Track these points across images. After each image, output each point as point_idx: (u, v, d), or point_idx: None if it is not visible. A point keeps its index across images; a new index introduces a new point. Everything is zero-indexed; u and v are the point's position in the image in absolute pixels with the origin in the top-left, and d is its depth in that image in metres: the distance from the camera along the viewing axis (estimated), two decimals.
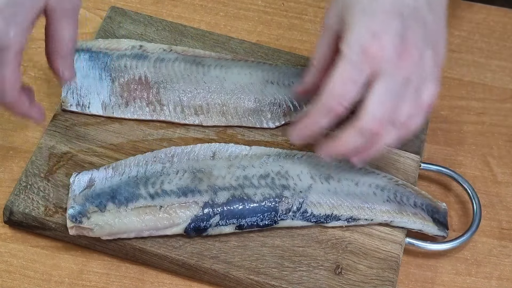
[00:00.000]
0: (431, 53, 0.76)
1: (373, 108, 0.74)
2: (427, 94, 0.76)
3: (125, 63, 0.88)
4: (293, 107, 0.89)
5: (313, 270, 0.80)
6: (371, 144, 0.77)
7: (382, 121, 0.75)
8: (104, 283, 0.80)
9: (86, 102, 0.86)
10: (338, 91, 0.75)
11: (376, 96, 0.74)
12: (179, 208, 0.80)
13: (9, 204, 0.81)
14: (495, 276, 0.85)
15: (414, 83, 0.75)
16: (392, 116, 0.75)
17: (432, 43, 0.77)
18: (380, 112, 0.74)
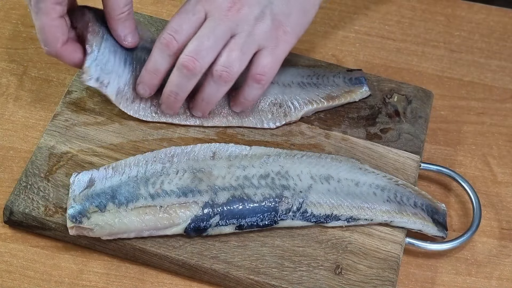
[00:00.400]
0: (269, 24, 0.82)
1: (190, 44, 0.81)
2: (259, 64, 0.82)
3: (144, 57, 0.86)
4: (293, 107, 0.89)
5: (313, 270, 0.80)
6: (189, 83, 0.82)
7: (194, 57, 0.80)
8: (104, 283, 0.80)
9: (106, 81, 0.84)
10: (172, 26, 0.82)
11: (196, 36, 0.81)
12: (179, 208, 0.80)
13: (9, 204, 0.81)
14: (495, 276, 0.85)
15: (239, 40, 0.81)
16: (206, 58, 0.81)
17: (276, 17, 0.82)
18: (193, 48, 0.81)
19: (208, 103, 0.85)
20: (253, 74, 0.83)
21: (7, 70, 0.93)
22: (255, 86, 0.84)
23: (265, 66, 0.83)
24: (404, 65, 1.00)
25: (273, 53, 0.83)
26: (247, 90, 0.84)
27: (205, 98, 0.84)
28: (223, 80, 0.82)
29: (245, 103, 0.86)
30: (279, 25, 0.83)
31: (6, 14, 0.97)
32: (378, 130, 0.90)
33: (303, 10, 0.85)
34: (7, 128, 0.88)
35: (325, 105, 0.90)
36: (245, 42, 0.81)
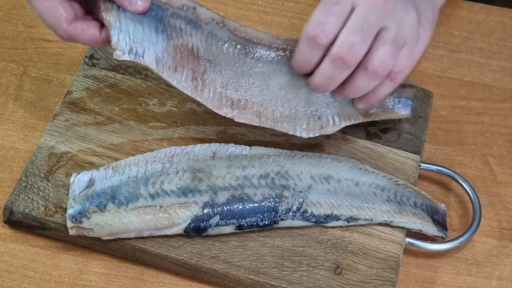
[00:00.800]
0: (415, 17, 0.79)
1: (342, 35, 0.77)
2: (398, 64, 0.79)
3: (180, 25, 0.82)
4: (332, 122, 0.85)
5: (313, 270, 0.80)
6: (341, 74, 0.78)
7: (349, 48, 0.77)
8: (104, 283, 0.80)
9: (140, 50, 0.80)
10: (318, 18, 0.77)
11: (347, 26, 0.77)
12: (179, 208, 0.80)
13: (9, 204, 0.81)
14: (495, 276, 0.85)
15: (391, 32, 0.77)
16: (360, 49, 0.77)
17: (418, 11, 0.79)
18: (347, 39, 0.77)
19: (355, 96, 0.81)
20: (391, 72, 0.79)
21: (7, 70, 0.93)
22: (388, 84, 0.80)
23: (402, 65, 0.79)
24: None
25: (412, 52, 0.79)
26: (378, 87, 0.80)
27: (353, 91, 0.80)
28: (378, 76, 0.78)
29: (372, 100, 0.82)
30: (420, 21, 0.79)
31: (6, 14, 0.97)
32: (378, 130, 0.90)
33: (433, 10, 0.82)
34: (7, 128, 0.88)
35: (360, 120, 0.86)
36: (396, 36, 0.77)
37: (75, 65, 0.93)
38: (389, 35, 0.77)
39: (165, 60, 0.82)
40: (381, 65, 0.78)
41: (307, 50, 0.79)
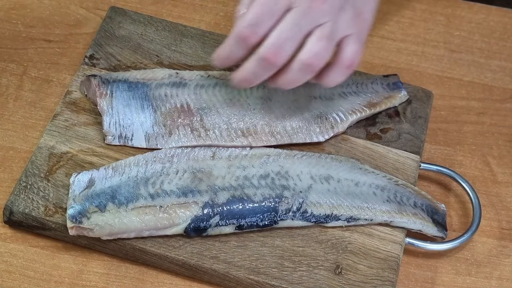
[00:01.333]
0: (352, 12, 0.80)
1: (272, 37, 0.77)
2: (348, 51, 0.80)
3: (165, 91, 0.87)
4: (339, 119, 0.89)
5: (313, 270, 0.80)
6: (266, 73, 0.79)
7: (276, 50, 0.77)
8: (104, 283, 0.80)
9: (129, 134, 0.85)
10: (251, 18, 0.78)
11: (279, 27, 0.77)
12: (179, 208, 0.80)
13: (9, 204, 0.81)
14: (495, 276, 0.85)
15: (326, 29, 0.78)
16: (288, 51, 0.78)
17: (356, 6, 0.81)
18: (276, 41, 0.77)
19: (286, 88, 0.82)
20: (344, 59, 0.81)
21: (7, 70, 0.93)
22: (344, 71, 0.81)
23: (354, 52, 0.80)
24: (404, 65, 1.00)
25: (358, 40, 0.81)
26: (336, 73, 0.81)
27: (287, 83, 0.81)
28: (311, 69, 0.79)
29: (329, 84, 0.83)
30: (359, 13, 0.81)
31: (6, 14, 0.97)
32: (378, 130, 0.90)
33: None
34: (7, 128, 0.88)
35: (367, 113, 0.90)
36: (331, 31, 0.79)
37: (75, 65, 0.93)
38: (324, 31, 0.79)
39: (156, 133, 0.86)
40: (315, 58, 0.79)
41: (234, 47, 0.80)
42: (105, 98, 0.86)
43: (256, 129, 0.87)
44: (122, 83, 0.87)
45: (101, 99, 0.86)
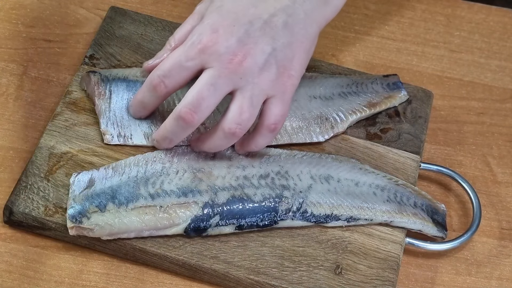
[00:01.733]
0: (275, 71, 0.79)
1: (188, 96, 0.78)
2: (272, 115, 0.80)
3: None
4: (339, 119, 0.89)
5: (313, 270, 0.80)
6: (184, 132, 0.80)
7: (193, 110, 0.78)
8: (104, 283, 0.80)
9: (128, 133, 0.85)
10: (162, 69, 0.80)
11: (194, 86, 0.78)
12: (179, 208, 0.80)
13: (9, 204, 0.81)
14: (495, 276, 0.85)
15: (247, 94, 0.78)
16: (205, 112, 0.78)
17: (280, 63, 0.79)
18: (192, 101, 0.78)
19: (213, 151, 0.83)
20: (267, 124, 0.80)
21: (7, 70, 0.93)
22: (268, 135, 0.81)
23: (278, 115, 0.80)
24: (404, 65, 1.00)
25: (282, 100, 0.80)
26: (260, 139, 0.81)
27: (212, 148, 0.82)
28: (236, 136, 0.79)
29: (253, 149, 0.83)
30: (283, 71, 0.80)
31: (6, 14, 0.97)
32: (378, 130, 0.90)
33: (305, 50, 0.81)
34: (7, 128, 0.88)
35: (367, 113, 0.90)
36: (253, 95, 0.79)
37: (75, 65, 0.93)
38: (246, 95, 0.78)
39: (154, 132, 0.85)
40: (238, 126, 0.79)
41: (147, 92, 0.82)
42: (103, 98, 0.86)
43: None
44: (121, 82, 0.87)
45: (99, 99, 0.86)
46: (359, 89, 0.91)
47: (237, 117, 0.78)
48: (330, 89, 0.90)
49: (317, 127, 0.88)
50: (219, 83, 0.78)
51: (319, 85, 0.90)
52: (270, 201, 0.81)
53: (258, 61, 0.78)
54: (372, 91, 0.91)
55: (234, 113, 0.79)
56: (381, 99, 0.91)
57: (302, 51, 0.81)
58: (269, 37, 0.79)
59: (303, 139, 0.87)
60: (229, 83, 0.78)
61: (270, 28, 0.79)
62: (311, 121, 0.88)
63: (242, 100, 0.78)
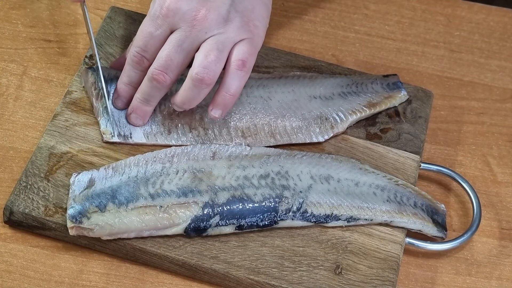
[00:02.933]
0: (239, 20, 0.82)
1: (158, 58, 0.82)
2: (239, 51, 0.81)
3: None
4: (339, 119, 0.89)
5: (313, 270, 0.80)
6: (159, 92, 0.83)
7: (164, 71, 0.81)
8: (104, 283, 0.80)
9: (127, 133, 0.85)
10: (138, 45, 0.83)
11: (163, 49, 0.81)
12: (179, 208, 0.80)
13: (9, 204, 0.81)
14: (495, 276, 0.85)
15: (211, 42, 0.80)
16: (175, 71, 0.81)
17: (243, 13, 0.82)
18: (162, 62, 0.81)
19: (189, 106, 0.83)
20: (235, 60, 0.81)
21: (7, 70, 0.93)
22: (238, 73, 0.81)
23: (245, 52, 0.81)
24: (404, 65, 1.00)
25: (251, 43, 0.82)
26: (230, 81, 0.81)
27: (186, 102, 0.82)
28: (205, 83, 0.80)
29: (227, 98, 0.82)
30: (248, 21, 0.82)
31: (6, 14, 0.97)
32: (378, 130, 0.90)
33: (263, 3, 0.84)
34: (7, 128, 0.88)
35: (367, 113, 0.90)
36: (219, 41, 0.81)
37: (75, 65, 0.93)
38: (212, 42, 0.80)
39: (155, 131, 0.86)
40: (205, 71, 0.80)
41: (131, 71, 0.85)
42: (101, 100, 0.86)
43: (256, 130, 0.87)
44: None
45: (97, 100, 0.86)
46: (359, 89, 0.91)
47: (202, 60, 0.80)
48: (330, 89, 0.90)
49: (317, 127, 0.88)
50: (186, 43, 0.81)
51: (319, 85, 0.90)
52: (270, 201, 0.81)
53: (221, 12, 0.81)
54: (372, 91, 0.91)
55: (199, 59, 0.80)
56: (381, 99, 0.91)
57: (260, 3, 0.84)
58: None
59: (303, 139, 0.87)
60: (195, 39, 0.81)
61: None
62: (311, 121, 0.88)
63: (206, 46, 0.80)
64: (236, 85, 0.82)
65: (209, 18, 0.81)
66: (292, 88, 0.90)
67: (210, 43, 0.81)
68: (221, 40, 0.81)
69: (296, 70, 0.93)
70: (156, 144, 0.85)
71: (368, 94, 0.91)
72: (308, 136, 0.88)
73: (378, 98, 0.91)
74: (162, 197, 0.80)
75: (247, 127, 0.87)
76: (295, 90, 0.89)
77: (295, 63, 0.94)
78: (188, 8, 0.81)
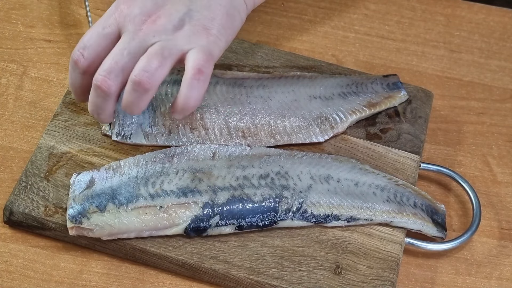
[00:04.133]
0: (190, 29, 0.78)
1: (103, 63, 0.77)
2: (191, 59, 0.77)
3: (165, 90, 0.87)
4: (339, 119, 0.88)
5: (313, 270, 0.80)
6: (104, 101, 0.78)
7: (107, 77, 0.77)
8: (104, 283, 0.80)
9: (128, 133, 0.85)
10: (81, 42, 0.79)
11: (109, 53, 0.77)
12: (179, 208, 0.80)
13: (9, 204, 0.81)
14: (495, 276, 0.85)
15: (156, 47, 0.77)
16: (119, 77, 0.77)
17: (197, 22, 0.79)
18: (106, 67, 0.77)
19: (134, 112, 0.79)
20: (190, 69, 0.77)
21: (7, 70, 0.93)
22: (195, 83, 0.77)
23: (200, 59, 0.77)
24: (404, 65, 1.00)
25: (204, 50, 0.78)
26: (188, 91, 0.77)
27: (128, 107, 0.78)
28: (143, 87, 0.76)
29: (186, 108, 0.78)
30: (202, 30, 0.79)
31: (6, 14, 0.97)
32: (378, 130, 0.90)
33: (226, 13, 0.81)
34: (7, 128, 0.88)
35: (367, 113, 0.90)
36: (165, 47, 0.77)
37: None
38: (156, 47, 0.77)
39: (155, 132, 0.85)
40: (145, 74, 0.76)
41: (71, 72, 0.80)
42: None
43: (257, 130, 0.87)
44: None
45: None
46: (359, 89, 0.91)
47: (144, 64, 0.76)
48: (330, 89, 0.90)
49: (317, 127, 0.88)
50: (132, 46, 0.77)
51: (319, 85, 0.90)
52: (270, 201, 0.81)
53: (172, 20, 0.78)
54: (372, 91, 0.91)
55: (142, 62, 0.76)
56: (381, 99, 0.91)
57: (223, 14, 0.80)
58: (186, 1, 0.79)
59: (303, 140, 0.87)
60: (142, 42, 0.77)
61: None
62: (311, 121, 0.88)
63: (151, 51, 0.77)
64: (195, 95, 0.78)
65: (158, 23, 0.78)
66: (292, 88, 0.90)
67: (155, 47, 0.77)
68: (167, 46, 0.77)
69: (296, 70, 0.94)
70: (156, 145, 0.85)
71: (368, 94, 0.91)
72: (308, 136, 0.88)
73: (378, 98, 0.91)
74: (162, 197, 0.80)
75: (247, 127, 0.87)
76: (295, 90, 0.89)
77: (295, 63, 0.94)
78: (139, 12, 0.78)
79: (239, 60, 0.93)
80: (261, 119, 0.87)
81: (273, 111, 0.88)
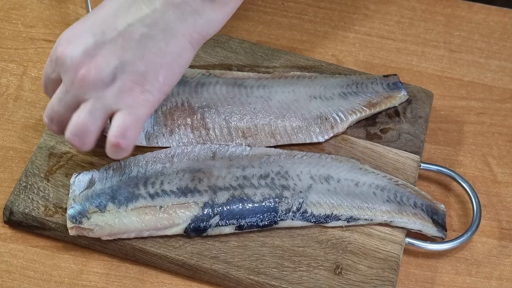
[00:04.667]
0: (120, 85, 0.75)
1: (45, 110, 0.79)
2: (113, 127, 0.76)
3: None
4: (339, 119, 0.89)
5: (313, 270, 0.80)
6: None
7: (49, 123, 0.79)
8: (104, 283, 0.80)
9: None
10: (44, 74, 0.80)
11: (52, 99, 0.78)
12: (179, 208, 0.80)
13: (9, 204, 0.81)
14: (495, 276, 0.85)
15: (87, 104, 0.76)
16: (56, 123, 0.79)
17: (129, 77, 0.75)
18: (48, 113, 0.79)
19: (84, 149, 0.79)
20: (110, 137, 0.76)
21: (7, 70, 0.93)
22: (115, 152, 0.77)
23: (121, 127, 0.75)
24: (404, 65, 1.00)
25: (129, 114, 0.75)
26: (110, 154, 0.77)
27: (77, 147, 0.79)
28: (75, 146, 0.77)
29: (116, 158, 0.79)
30: (134, 86, 0.75)
31: (6, 14, 0.97)
32: (378, 130, 0.90)
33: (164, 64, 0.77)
34: (7, 128, 0.88)
35: (367, 113, 0.90)
36: (94, 108, 0.75)
37: None
38: (85, 107, 0.76)
39: (157, 132, 0.85)
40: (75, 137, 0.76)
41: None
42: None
43: (257, 130, 0.87)
44: None
45: None
46: (359, 89, 0.91)
47: (72, 126, 0.76)
48: (330, 89, 0.90)
49: (317, 127, 0.88)
50: (67, 97, 0.77)
51: (319, 85, 0.90)
52: (270, 201, 0.81)
53: (102, 75, 0.75)
54: (372, 91, 0.91)
55: (73, 120, 0.76)
56: (381, 99, 0.91)
57: (159, 66, 0.76)
58: (119, 49, 0.75)
59: (303, 140, 0.87)
60: (75, 97, 0.76)
61: (123, 40, 0.75)
62: (311, 121, 0.88)
63: (80, 111, 0.76)
64: (117, 157, 0.78)
65: (87, 79, 0.75)
66: (292, 88, 0.90)
67: (85, 107, 0.76)
68: (96, 106, 0.75)
69: (296, 70, 0.94)
70: (157, 145, 0.85)
71: (368, 94, 0.91)
72: (308, 136, 0.88)
73: (378, 98, 0.91)
74: (162, 197, 0.80)
75: (247, 128, 0.87)
76: (295, 90, 0.89)
77: (295, 63, 0.94)
78: (71, 62, 0.75)
79: (239, 60, 0.93)
80: (261, 119, 0.87)
81: (273, 111, 0.88)
